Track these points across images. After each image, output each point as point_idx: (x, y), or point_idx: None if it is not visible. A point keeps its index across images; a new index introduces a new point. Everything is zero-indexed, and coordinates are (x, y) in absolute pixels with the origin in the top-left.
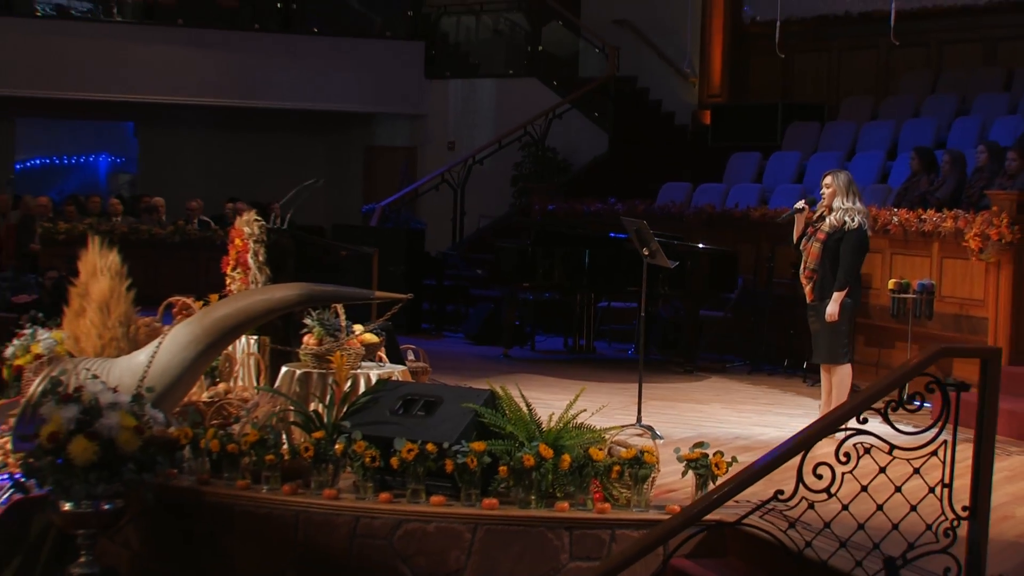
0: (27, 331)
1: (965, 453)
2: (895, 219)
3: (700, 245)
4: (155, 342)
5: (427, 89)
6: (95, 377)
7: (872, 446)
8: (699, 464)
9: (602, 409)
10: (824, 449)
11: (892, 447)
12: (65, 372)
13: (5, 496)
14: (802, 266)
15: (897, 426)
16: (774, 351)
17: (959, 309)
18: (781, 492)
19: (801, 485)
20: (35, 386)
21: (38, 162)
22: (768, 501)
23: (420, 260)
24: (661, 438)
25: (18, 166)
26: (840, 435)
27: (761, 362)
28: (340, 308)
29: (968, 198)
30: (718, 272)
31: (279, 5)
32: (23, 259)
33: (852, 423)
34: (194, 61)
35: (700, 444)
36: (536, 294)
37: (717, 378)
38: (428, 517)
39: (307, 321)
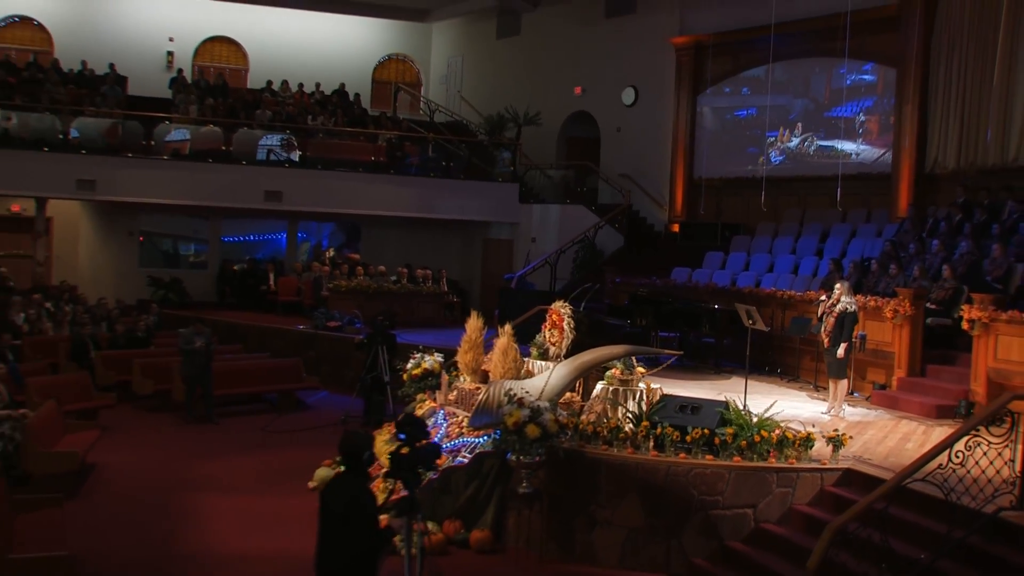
0: (417, 355)
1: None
2: None
3: (716, 306)
4: (547, 373)
5: (520, 209)
6: (527, 393)
7: (981, 441)
8: (836, 440)
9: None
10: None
11: (990, 443)
12: (511, 389)
13: (469, 450)
14: (823, 328)
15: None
16: (757, 361)
17: (876, 347)
18: (942, 465)
19: (950, 462)
20: (482, 395)
21: (260, 237)
22: (934, 470)
23: None
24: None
25: (236, 239)
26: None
27: (750, 368)
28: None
29: (867, 288)
30: (734, 320)
31: (443, 163)
32: (319, 301)
33: (973, 431)
34: (394, 192)
35: (836, 428)
36: (627, 329)
37: (736, 378)
38: (706, 466)
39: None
